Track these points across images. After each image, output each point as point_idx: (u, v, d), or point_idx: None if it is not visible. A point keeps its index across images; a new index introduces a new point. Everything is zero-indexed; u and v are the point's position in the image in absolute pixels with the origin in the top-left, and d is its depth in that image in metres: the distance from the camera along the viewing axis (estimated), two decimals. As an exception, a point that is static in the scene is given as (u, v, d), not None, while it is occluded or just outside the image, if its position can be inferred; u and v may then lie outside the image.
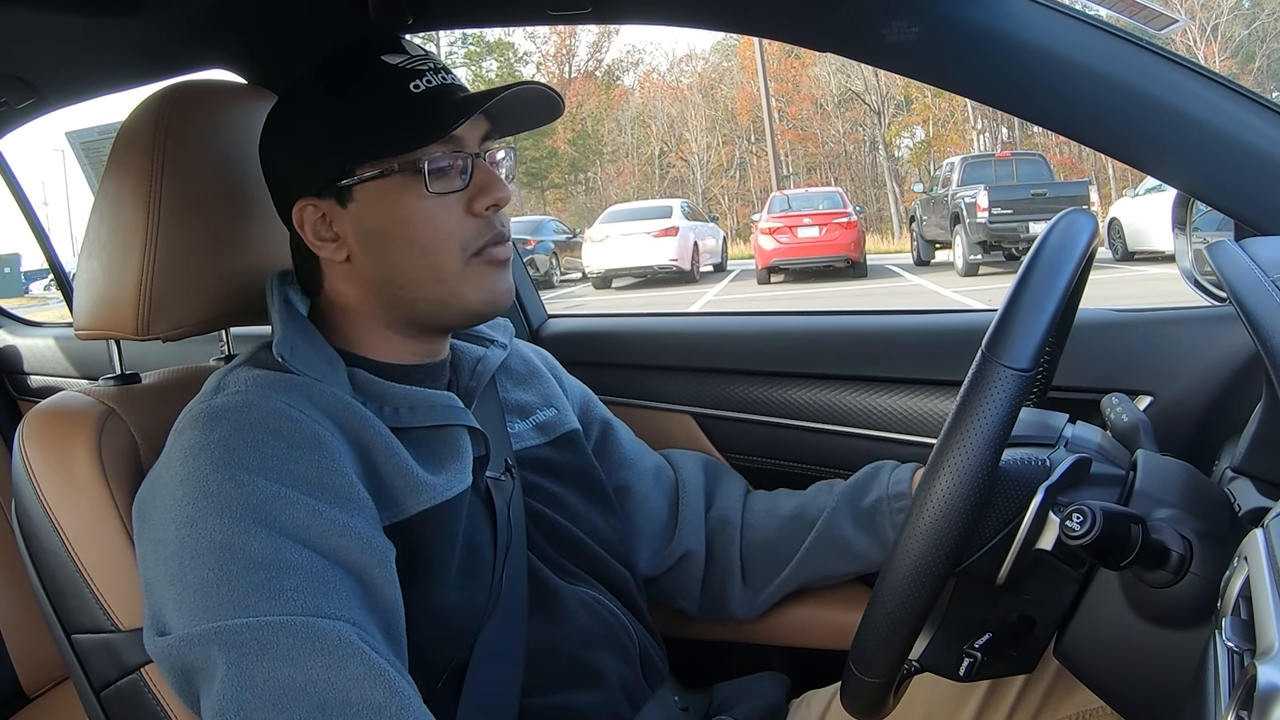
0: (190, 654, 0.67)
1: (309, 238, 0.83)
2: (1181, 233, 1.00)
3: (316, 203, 0.82)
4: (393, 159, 0.79)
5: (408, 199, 0.80)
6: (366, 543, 0.71)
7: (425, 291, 0.82)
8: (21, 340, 1.96)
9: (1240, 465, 0.72)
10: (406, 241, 0.81)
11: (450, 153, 0.80)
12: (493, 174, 0.83)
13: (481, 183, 0.82)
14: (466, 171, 0.81)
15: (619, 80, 35.47)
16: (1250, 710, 0.40)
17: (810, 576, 1.02)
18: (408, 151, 0.79)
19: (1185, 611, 0.61)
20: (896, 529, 0.94)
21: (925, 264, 13.38)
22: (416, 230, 0.80)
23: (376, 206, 0.81)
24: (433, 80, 0.81)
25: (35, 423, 0.85)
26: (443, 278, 0.82)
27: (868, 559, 0.98)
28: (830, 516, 1.00)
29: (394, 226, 0.81)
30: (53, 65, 1.25)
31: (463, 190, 0.81)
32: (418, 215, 0.80)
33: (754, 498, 1.09)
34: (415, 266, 0.81)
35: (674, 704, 0.93)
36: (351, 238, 0.82)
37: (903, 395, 1.12)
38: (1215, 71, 0.84)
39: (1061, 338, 0.85)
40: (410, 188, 0.80)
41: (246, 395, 0.75)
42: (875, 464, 1.01)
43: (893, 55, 0.90)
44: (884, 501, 0.97)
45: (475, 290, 0.83)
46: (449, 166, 0.80)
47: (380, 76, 0.81)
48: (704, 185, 31.62)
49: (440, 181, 0.80)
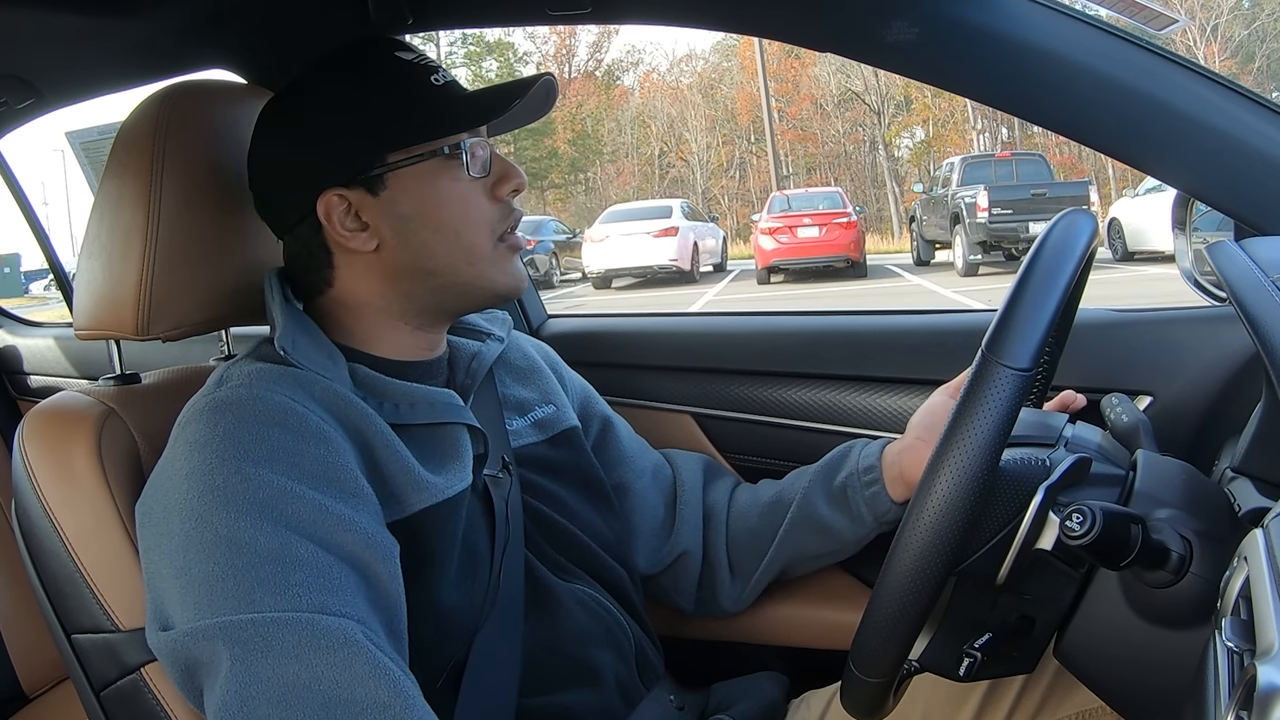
0: (194, 649, 0.67)
1: (335, 229, 0.83)
2: (1181, 233, 1.00)
3: (344, 193, 0.82)
4: (428, 145, 0.82)
5: (444, 183, 0.83)
6: (371, 539, 0.72)
7: (456, 274, 0.85)
8: (21, 340, 1.96)
9: (1240, 465, 0.72)
10: (440, 225, 0.83)
11: (476, 142, 0.84)
12: (509, 162, 0.87)
13: (501, 170, 0.86)
14: (488, 160, 0.85)
15: (619, 80, 35.50)
16: (1250, 710, 0.40)
17: (790, 558, 1.03)
18: (445, 137, 0.83)
19: (1185, 611, 0.61)
20: (868, 503, 0.96)
21: (925, 264, 13.39)
22: (452, 213, 0.83)
23: (410, 192, 0.82)
24: (445, 77, 0.86)
25: (35, 423, 0.85)
26: (474, 260, 0.84)
27: (842, 536, 0.99)
28: (804, 496, 1.01)
29: (429, 211, 0.83)
30: (53, 65, 1.25)
31: (486, 177, 0.85)
32: (455, 199, 0.83)
33: (739, 490, 1.09)
34: (448, 250, 0.84)
35: (670, 703, 0.93)
36: (383, 226, 0.83)
37: (903, 395, 1.12)
38: (1215, 71, 0.84)
39: (1061, 338, 0.86)
40: (447, 172, 0.83)
41: (250, 388, 0.75)
42: (847, 444, 1.03)
43: (893, 55, 0.90)
44: (854, 477, 0.98)
45: (501, 273, 0.86)
46: (478, 154, 0.84)
47: (401, 69, 0.84)
48: (704, 185, 31.63)
49: (476, 166, 0.83)
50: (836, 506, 0.99)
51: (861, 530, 0.99)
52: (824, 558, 1.03)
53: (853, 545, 1.01)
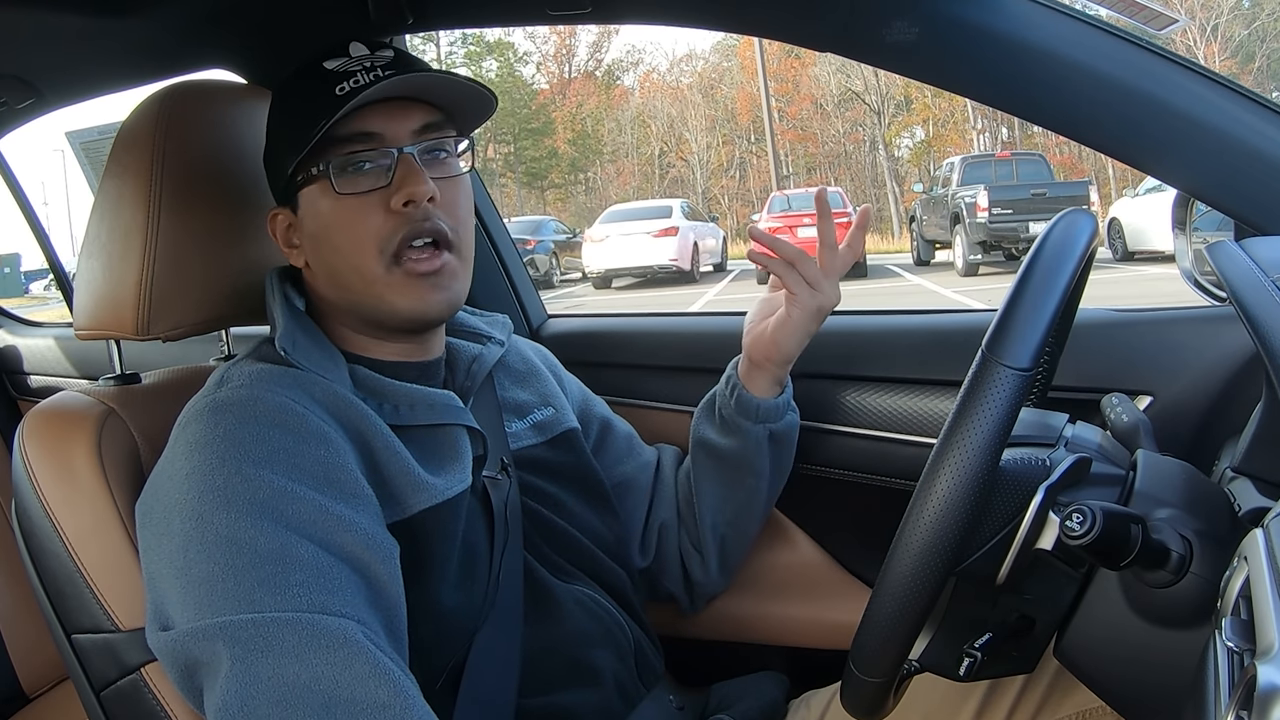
0: (194, 649, 0.67)
1: (279, 245, 0.87)
2: (1181, 233, 0.99)
3: (282, 211, 0.86)
4: (311, 161, 0.80)
5: (325, 200, 0.81)
6: (371, 539, 0.72)
7: (357, 295, 0.83)
8: (21, 340, 1.96)
9: (1240, 465, 0.72)
10: (331, 245, 0.82)
11: (365, 152, 0.80)
12: (415, 168, 0.80)
13: (400, 178, 0.80)
14: (390, 169, 0.80)
15: (619, 80, 35.50)
16: (1250, 710, 0.40)
17: (713, 497, 1.04)
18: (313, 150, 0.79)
19: (1185, 611, 0.61)
20: (739, 407, 1.00)
21: (925, 264, 13.38)
22: (334, 232, 0.81)
23: (310, 210, 0.83)
24: (362, 79, 0.79)
25: (35, 423, 0.85)
26: (368, 280, 0.81)
27: (738, 452, 1.02)
28: (694, 435, 1.06)
29: (320, 230, 0.82)
30: (53, 65, 1.25)
31: (384, 188, 0.80)
32: (334, 217, 0.81)
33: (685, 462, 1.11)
34: (343, 269, 0.82)
35: (669, 702, 0.93)
36: (306, 244, 0.85)
37: (903, 395, 1.12)
38: (1215, 71, 0.84)
39: (1061, 338, 0.85)
40: (326, 189, 0.81)
41: (251, 389, 0.75)
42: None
43: (893, 55, 0.90)
44: (721, 395, 1.03)
45: (402, 299, 0.82)
46: (365, 165, 0.80)
47: (313, 81, 0.81)
48: (704, 185, 31.63)
49: (347, 182, 0.80)
50: (714, 425, 1.03)
51: (750, 439, 1.01)
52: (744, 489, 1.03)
53: (755, 459, 1.02)
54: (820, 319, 0.98)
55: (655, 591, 1.08)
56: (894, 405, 1.13)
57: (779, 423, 1.02)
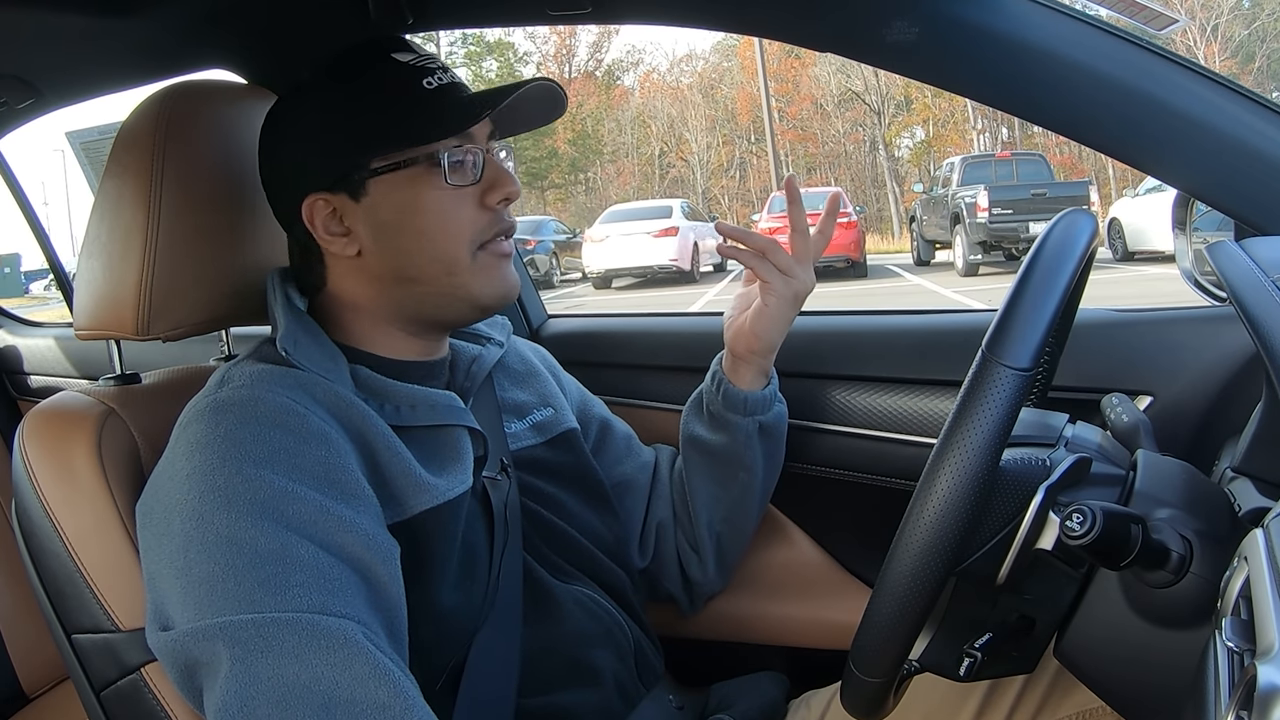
0: (194, 649, 0.66)
1: (319, 233, 0.84)
2: (1181, 233, 0.99)
3: (328, 197, 0.83)
4: (409, 151, 0.81)
5: (424, 191, 0.81)
6: (372, 540, 0.72)
7: (435, 285, 0.83)
8: (21, 340, 1.96)
9: (1240, 465, 0.72)
10: (418, 233, 0.82)
11: (464, 148, 0.82)
12: (504, 169, 0.85)
13: (493, 177, 0.84)
14: (479, 166, 0.83)
15: (619, 80, 35.49)
16: (1250, 710, 0.40)
17: (706, 495, 1.05)
18: (425, 144, 0.81)
19: (1185, 611, 0.61)
20: (725, 401, 1.01)
21: (925, 264, 13.38)
22: (430, 222, 0.82)
23: (391, 199, 0.82)
24: (442, 79, 0.83)
25: (35, 423, 0.85)
26: (453, 270, 0.83)
27: (727, 447, 1.03)
28: (684, 432, 1.06)
29: (407, 219, 0.82)
30: (53, 65, 1.25)
31: (475, 184, 0.83)
32: (433, 207, 0.82)
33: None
34: (427, 259, 0.82)
35: (669, 702, 0.93)
36: (363, 232, 0.83)
37: (903, 395, 1.12)
38: (1215, 71, 0.84)
39: (1061, 338, 0.85)
40: (427, 180, 0.81)
41: (251, 389, 0.75)
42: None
43: (893, 55, 0.90)
44: (708, 392, 1.04)
45: (483, 284, 0.84)
46: (464, 161, 0.82)
47: (393, 72, 0.82)
48: (704, 185, 31.63)
49: (457, 174, 0.82)
50: (703, 422, 1.04)
51: (739, 433, 1.02)
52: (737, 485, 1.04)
53: (746, 453, 1.02)
54: (798, 305, 0.99)
55: (655, 592, 1.08)
56: (894, 405, 1.13)
57: (767, 414, 1.02)
